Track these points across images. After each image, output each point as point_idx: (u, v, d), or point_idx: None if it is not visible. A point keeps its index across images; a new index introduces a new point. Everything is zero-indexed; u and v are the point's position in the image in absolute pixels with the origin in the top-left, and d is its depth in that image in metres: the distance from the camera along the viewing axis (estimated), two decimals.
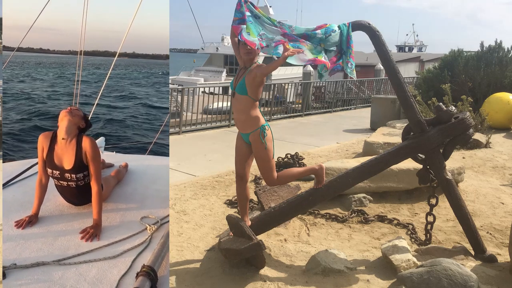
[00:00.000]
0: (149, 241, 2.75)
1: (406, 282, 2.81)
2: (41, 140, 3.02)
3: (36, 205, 2.96)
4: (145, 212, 3.15)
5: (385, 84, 17.71)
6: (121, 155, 4.92)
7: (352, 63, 3.35)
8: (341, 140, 8.72)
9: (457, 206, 3.47)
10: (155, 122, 19.25)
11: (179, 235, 3.90)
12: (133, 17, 5.04)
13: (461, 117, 3.43)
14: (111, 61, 5.86)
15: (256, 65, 3.15)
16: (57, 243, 2.65)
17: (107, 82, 5.90)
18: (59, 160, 2.98)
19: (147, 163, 4.45)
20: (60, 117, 3.02)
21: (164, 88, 34.35)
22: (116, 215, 3.11)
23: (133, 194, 3.52)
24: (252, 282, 3.08)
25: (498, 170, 5.87)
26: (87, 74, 42.03)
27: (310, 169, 3.49)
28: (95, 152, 3.00)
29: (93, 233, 2.76)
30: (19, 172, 3.67)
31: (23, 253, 2.51)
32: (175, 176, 5.99)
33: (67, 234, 2.77)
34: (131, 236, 2.79)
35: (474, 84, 9.63)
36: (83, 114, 3.16)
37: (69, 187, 3.05)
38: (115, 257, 2.54)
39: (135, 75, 53.87)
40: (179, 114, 10.22)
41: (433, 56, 29.59)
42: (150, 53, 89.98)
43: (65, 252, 2.55)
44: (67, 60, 69.71)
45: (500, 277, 3.01)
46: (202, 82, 25.16)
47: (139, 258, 2.54)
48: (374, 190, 4.74)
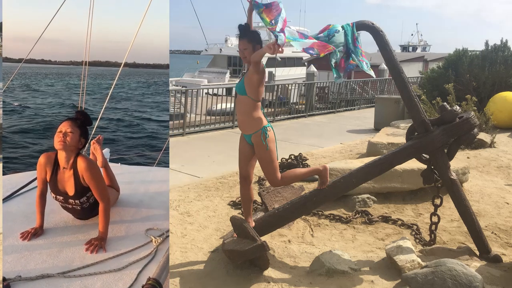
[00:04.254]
0: (155, 253, 2.71)
1: (410, 282, 2.80)
2: (43, 162, 2.91)
3: (39, 217, 2.91)
4: (150, 224, 3.11)
5: (389, 84, 17.65)
6: (126, 167, 4.90)
7: (367, 62, 3.36)
8: (345, 140, 8.70)
9: (462, 206, 3.45)
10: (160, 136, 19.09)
11: (183, 236, 3.90)
12: (137, 28, 5.03)
13: (466, 117, 3.42)
14: (112, 71, 5.85)
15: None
16: (62, 255, 2.63)
17: (110, 92, 5.86)
18: (62, 186, 2.91)
19: (152, 175, 4.40)
20: (55, 146, 2.84)
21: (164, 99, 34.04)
22: (121, 227, 3.08)
23: (138, 206, 3.48)
24: (256, 283, 3.08)
25: (503, 170, 5.84)
26: (88, 84, 41.65)
27: (314, 170, 3.49)
28: (92, 173, 2.85)
29: (98, 245, 2.72)
30: (24, 184, 3.64)
31: (28, 265, 2.49)
32: (178, 178, 5.99)
33: (72, 246, 2.75)
34: (136, 248, 2.76)
35: (478, 83, 9.58)
36: (79, 128, 2.90)
37: (75, 209, 3.01)
38: (121, 270, 2.51)
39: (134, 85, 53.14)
40: (183, 116, 10.23)
41: (437, 56, 29.45)
42: (151, 63, 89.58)
43: (70, 264, 2.53)
44: (68, 71, 69.53)
45: (505, 277, 3.00)
46: (205, 84, 25.19)
47: (144, 270, 2.51)
48: (378, 190, 4.72)
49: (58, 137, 2.82)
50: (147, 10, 4.96)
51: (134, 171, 4.52)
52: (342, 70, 3.36)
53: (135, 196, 3.71)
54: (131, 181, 4.08)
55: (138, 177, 4.22)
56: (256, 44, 3.13)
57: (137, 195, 3.74)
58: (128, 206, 3.49)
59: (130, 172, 4.46)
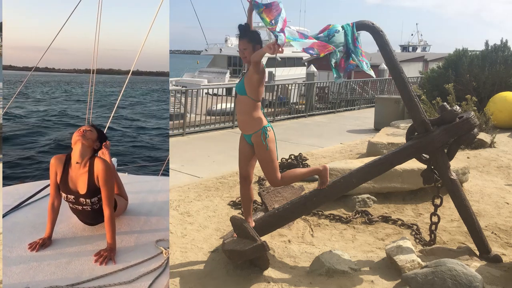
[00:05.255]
0: (165, 265, 2.66)
1: (410, 282, 2.80)
2: (54, 163, 2.92)
3: (49, 228, 2.89)
4: (161, 235, 3.06)
5: (389, 84, 17.65)
6: (133, 176, 4.86)
7: (367, 62, 3.36)
8: (345, 140, 8.70)
9: (462, 206, 3.45)
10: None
11: (183, 236, 3.90)
12: (145, 37, 5.03)
13: (466, 117, 3.42)
14: (116, 79, 5.87)
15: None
16: (70, 267, 2.60)
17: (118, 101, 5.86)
18: (74, 184, 2.91)
19: (161, 184, 4.34)
20: (73, 140, 2.91)
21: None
22: (130, 237, 3.03)
23: (148, 217, 3.43)
24: (256, 283, 3.08)
25: (503, 170, 5.84)
26: (96, 92, 40.70)
27: (314, 170, 3.49)
28: (108, 176, 2.87)
29: (107, 256, 2.68)
30: (32, 194, 3.62)
31: (36, 276, 2.45)
32: (178, 178, 6.00)
33: (81, 257, 2.71)
34: (146, 260, 2.71)
35: (478, 83, 9.58)
36: (97, 132, 3.06)
37: (84, 210, 2.99)
38: (131, 282, 2.46)
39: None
40: (183, 116, 10.23)
41: (437, 56, 29.44)
42: (154, 71, 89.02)
43: (79, 276, 2.49)
44: (72, 79, 68.84)
45: (505, 277, 3.00)
46: (205, 84, 25.20)
47: (155, 283, 2.46)
48: (378, 190, 4.72)
49: (77, 131, 2.93)
50: (154, 18, 4.97)
51: (142, 181, 4.45)
52: (342, 70, 3.36)
53: (144, 206, 3.65)
54: (139, 191, 4.02)
55: (146, 187, 4.16)
56: (256, 44, 3.13)
57: (146, 205, 3.68)
58: (137, 216, 3.43)
59: (138, 181, 4.39)
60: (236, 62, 30.96)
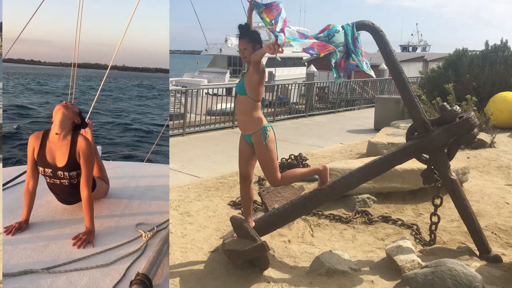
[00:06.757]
0: (144, 248, 2.64)
1: (410, 282, 2.80)
2: (31, 140, 2.91)
3: (25, 212, 2.85)
4: (141, 219, 3.06)
5: (389, 84, 17.66)
6: (116, 163, 4.85)
7: (367, 62, 3.36)
8: (345, 140, 8.70)
9: (462, 206, 3.45)
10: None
11: (183, 236, 3.90)
12: (125, 30, 5.01)
13: (466, 117, 3.42)
14: (103, 74, 5.83)
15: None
16: (47, 250, 2.55)
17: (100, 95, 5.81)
18: (52, 157, 2.88)
19: (143, 170, 4.36)
20: (54, 111, 2.91)
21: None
22: (110, 221, 3.01)
23: (129, 201, 3.43)
24: (256, 283, 3.08)
25: (503, 170, 5.84)
26: (86, 88, 40.41)
27: (314, 170, 3.49)
28: (89, 154, 2.88)
29: (85, 239, 2.66)
30: (10, 178, 3.59)
31: (10, 260, 2.41)
32: (178, 178, 6.00)
33: (58, 241, 2.67)
34: (125, 243, 2.69)
35: (478, 83, 9.58)
36: (79, 110, 3.04)
37: (62, 185, 2.95)
38: (108, 265, 2.44)
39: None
40: (183, 116, 10.23)
41: (437, 56, 29.44)
42: (153, 67, 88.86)
43: (55, 260, 2.45)
44: (60, 72, 68.13)
45: (505, 277, 3.00)
46: (205, 84, 25.21)
47: (133, 266, 2.44)
48: (378, 190, 4.72)
49: (59, 104, 2.94)
50: (134, 11, 4.97)
51: (124, 166, 4.43)
52: (342, 70, 3.36)
53: (126, 190, 3.66)
54: (121, 176, 4.02)
55: (128, 172, 4.16)
56: (256, 44, 3.13)
57: (127, 189, 3.69)
58: (118, 200, 3.43)
59: (121, 167, 4.38)
60: (236, 62, 30.98)
